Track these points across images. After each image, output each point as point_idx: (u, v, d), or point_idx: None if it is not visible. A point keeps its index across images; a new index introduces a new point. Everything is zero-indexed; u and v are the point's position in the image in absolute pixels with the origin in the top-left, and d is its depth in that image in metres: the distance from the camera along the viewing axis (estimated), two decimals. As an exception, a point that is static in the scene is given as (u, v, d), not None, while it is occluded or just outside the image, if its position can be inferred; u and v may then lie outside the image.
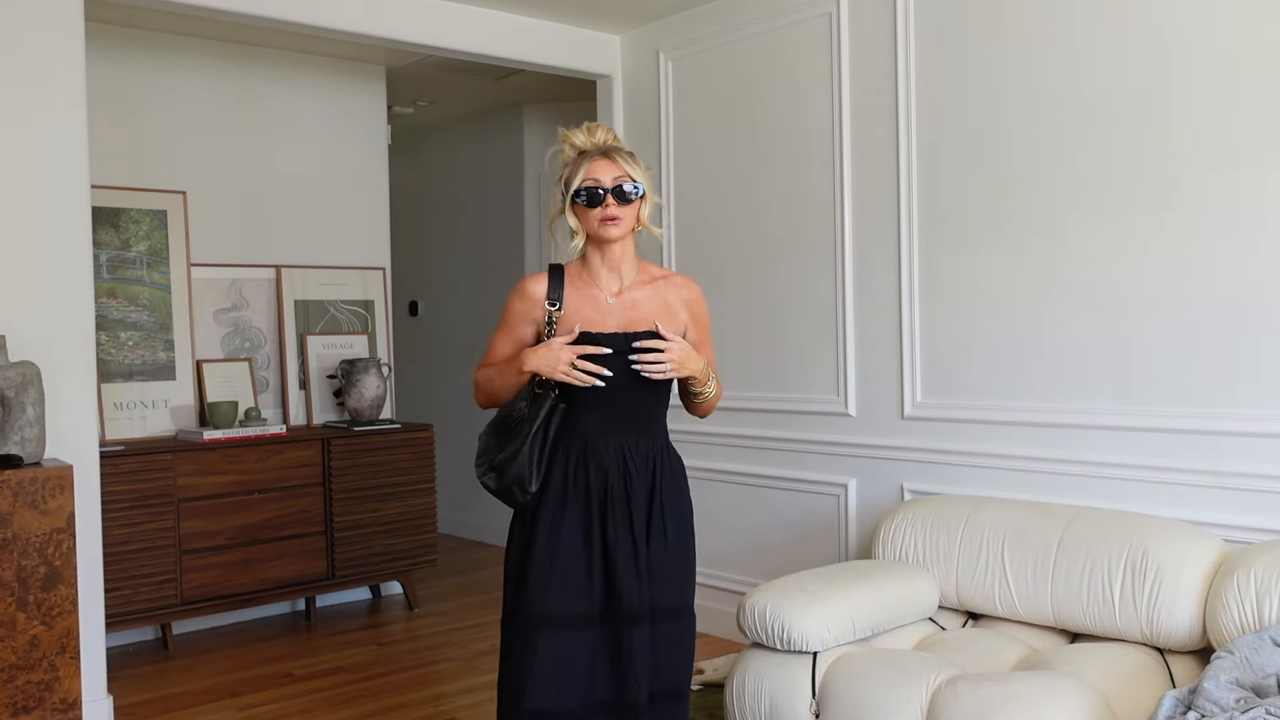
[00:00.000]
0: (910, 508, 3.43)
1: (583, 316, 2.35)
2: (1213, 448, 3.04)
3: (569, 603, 2.26)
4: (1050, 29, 3.36)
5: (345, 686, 3.96)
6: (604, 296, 2.38)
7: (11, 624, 2.95)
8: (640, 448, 2.35)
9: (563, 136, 2.40)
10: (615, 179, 2.32)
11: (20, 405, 3.07)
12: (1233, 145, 2.98)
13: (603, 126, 2.39)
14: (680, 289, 2.46)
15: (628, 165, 2.34)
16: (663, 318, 2.38)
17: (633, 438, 2.34)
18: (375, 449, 4.85)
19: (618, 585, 2.27)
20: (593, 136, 2.37)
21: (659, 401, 2.41)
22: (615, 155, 2.34)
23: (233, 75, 4.95)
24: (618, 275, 2.40)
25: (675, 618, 2.35)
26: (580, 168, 2.33)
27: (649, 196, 2.38)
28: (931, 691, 2.64)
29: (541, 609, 2.26)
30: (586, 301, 2.37)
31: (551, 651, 2.24)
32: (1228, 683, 2.25)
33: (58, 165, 3.43)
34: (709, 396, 2.46)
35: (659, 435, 2.40)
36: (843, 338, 3.98)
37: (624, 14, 4.61)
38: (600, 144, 2.36)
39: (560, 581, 2.27)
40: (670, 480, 2.39)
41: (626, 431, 2.34)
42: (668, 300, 2.42)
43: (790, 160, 4.16)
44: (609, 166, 2.32)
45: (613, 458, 2.32)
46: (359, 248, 5.33)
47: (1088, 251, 3.28)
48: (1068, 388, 3.34)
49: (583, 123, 2.42)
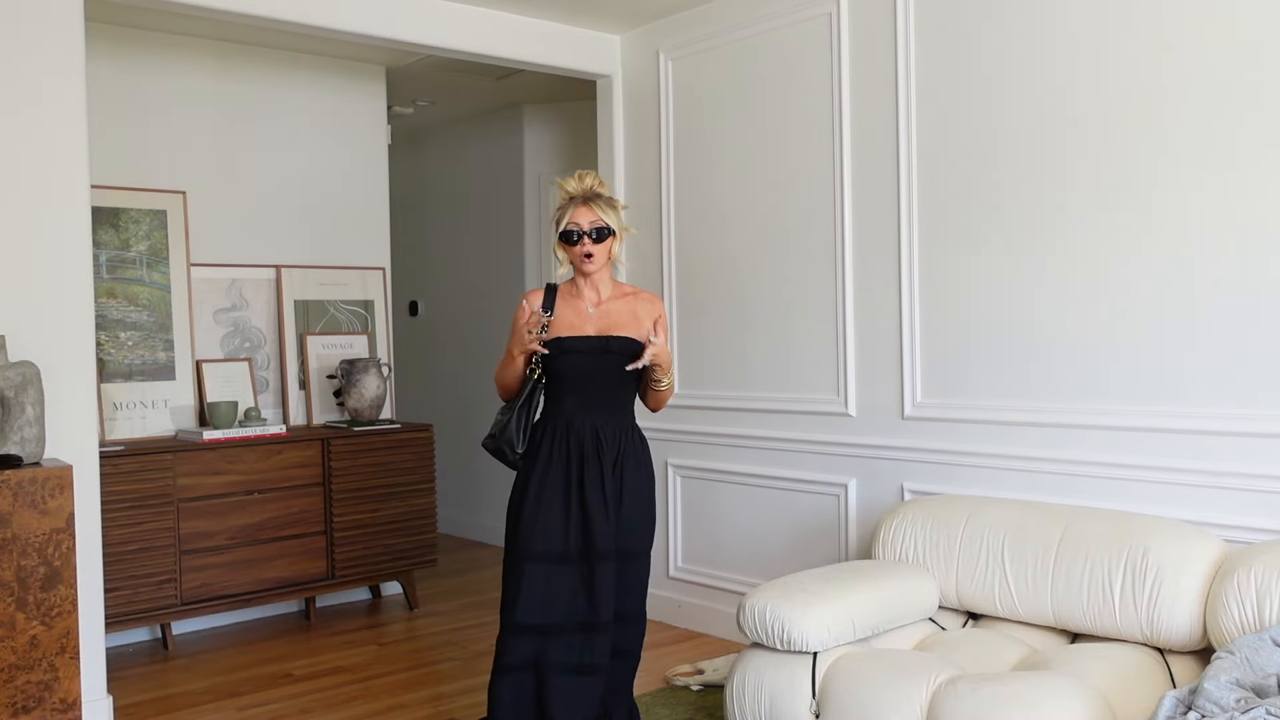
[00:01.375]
0: (910, 508, 3.43)
1: (568, 321, 2.98)
2: (1213, 448, 3.03)
3: (550, 543, 2.89)
4: (1050, 29, 3.35)
5: (345, 686, 3.96)
6: (586, 307, 3.01)
7: (11, 624, 2.95)
8: (610, 426, 2.96)
9: (558, 184, 3.02)
10: (591, 223, 2.94)
11: (20, 405, 3.07)
12: (1232, 144, 2.98)
13: (590, 174, 2.99)
14: (646, 303, 3.06)
15: (602, 211, 2.95)
16: (631, 324, 2.99)
17: (604, 417, 2.96)
18: (375, 449, 4.85)
19: (592, 532, 2.88)
20: (581, 183, 2.98)
21: (627, 391, 3.02)
22: (594, 202, 2.96)
23: (233, 75, 4.95)
24: (597, 291, 3.03)
25: (636, 557, 2.98)
26: (567, 212, 2.96)
27: (620, 234, 3.00)
28: (931, 692, 2.64)
29: (529, 547, 2.89)
30: (572, 310, 3.01)
31: (535, 579, 2.88)
32: (1228, 683, 2.25)
33: (58, 165, 3.42)
34: (666, 386, 3.07)
35: (626, 417, 3.02)
36: (843, 338, 3.98)
37: (624, 14, 4.61)
38: (586, 189, 2.98)
39: (544, 527, 2.90)
40: (632, 454, 2.98)
41: (599, 412, 2.96)
42: (636, 311, 3.03)
43: (790, 160, 4.16)
44: (587, 213, 2.95)
45: (588, 432, 2.93)
46: (359, 248, 5.33)
47: (1088, 251, 3.28)
48: (1068, 388, 3.34)
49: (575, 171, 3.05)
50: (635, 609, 3.01)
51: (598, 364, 2.94)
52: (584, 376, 2.95)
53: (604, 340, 2.95)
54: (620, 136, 4.91)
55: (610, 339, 2.95)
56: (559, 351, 2.94)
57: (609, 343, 2.94)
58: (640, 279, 4.81)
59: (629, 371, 2.95)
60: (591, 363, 2.94)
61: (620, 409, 3.00)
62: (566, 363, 2.94)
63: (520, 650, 2.89)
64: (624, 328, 2.98)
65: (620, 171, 4.90)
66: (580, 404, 2.95)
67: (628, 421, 3.02)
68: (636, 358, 2.92)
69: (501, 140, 6.38)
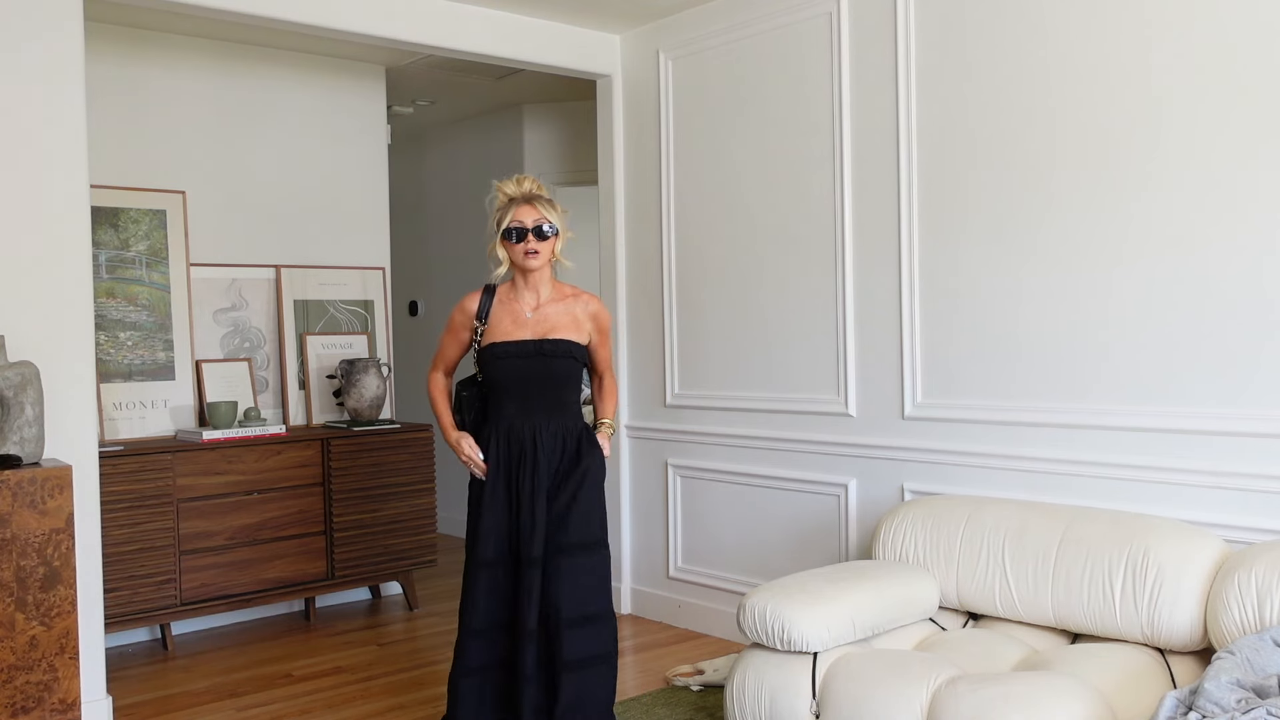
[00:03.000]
0: (910, 508, 3.42)
1: (504, 327, 3.03)
2: (1213, 448, 3.03)
3: (492, 550, 2.98)
4: (1050, 28, 3.35)
5: (345, 687, 3.96)
6: (524, 311, 3.05)
7: (10, 624, 2.95)
8: (549, 428, 2.99)
9: (496, 187, 3.07)
10: (535, 221, 2.99)
11: (19, 405, 3.06)
12: (1232, 143, 2.98)
13: (529, 178, 3.06)
14: (586, 304, 3.12)
15: (545, 210, 3.00)
16: (569, 327, 3.04)
17: (543, 419, 3.00)
18: (375, 449, 4.84)
19: (520, 535, 2.95)
20: (520, 186, 3.03)
21: (568, 393, 3.06)
22: (536, 202, 3.01)
23: (233, 75, 4.94)
24: (535, 294, 3.06)
25: (587, 550, 2.97)
26: (509, 211, 3.01)
27: (562, 234, 3.04)
28: (932, 692, 2.64)
29: (479, 555, 2.98)
30: (509, 315, 3.05)
31: (482, 586, 2.97)
32: (1229, 683, 2.24)
33: (57, 165, 3.42)
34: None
35: (570, 419, 3.04)
36: (843, 338, 3.97)
37: (624, 14, 4.60)
38: (526, 193, 3.02)
39: (487, 535, 2.98)
40: (574, 452, 3.00)
41: (538, 414, 3.00)
42: (575, 314, 3.07)
43: (790, 160, 4.16)
44: (530, 211, 2.99)
45: (527, 436, 2.99)
46: (359, 248, 5.32)
47: (1088, 251, 3.28)
48: (1068, 388, 3.34)
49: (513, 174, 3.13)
50: (597, 610, 2.97)
51: (532, 367, 2.99)
52: (520, 380, 3.00)
53: (538, 344, 3.00)
54: (620, 136, 4.90)
55: (544, 342, 3.00)
56: (493, 357, 3.00)
57: (542, 346, 2.99)
58: (640, 279, 4.81)
59: (567, 373, 3.02)
60: (526, 366, 2.99)
61: (562, 410, 3.04)
62: (502, 368, 2.99)
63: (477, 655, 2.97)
64: (561, 330, 3.03)
65: (620, 171, 4.90)
66: (519, 408, 3.01)
67: (571, 422, 3.05)
68: (574, 359, 3.02)
69: (501, 140, 6.38)
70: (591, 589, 2.97)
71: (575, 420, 3.07)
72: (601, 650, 2.97)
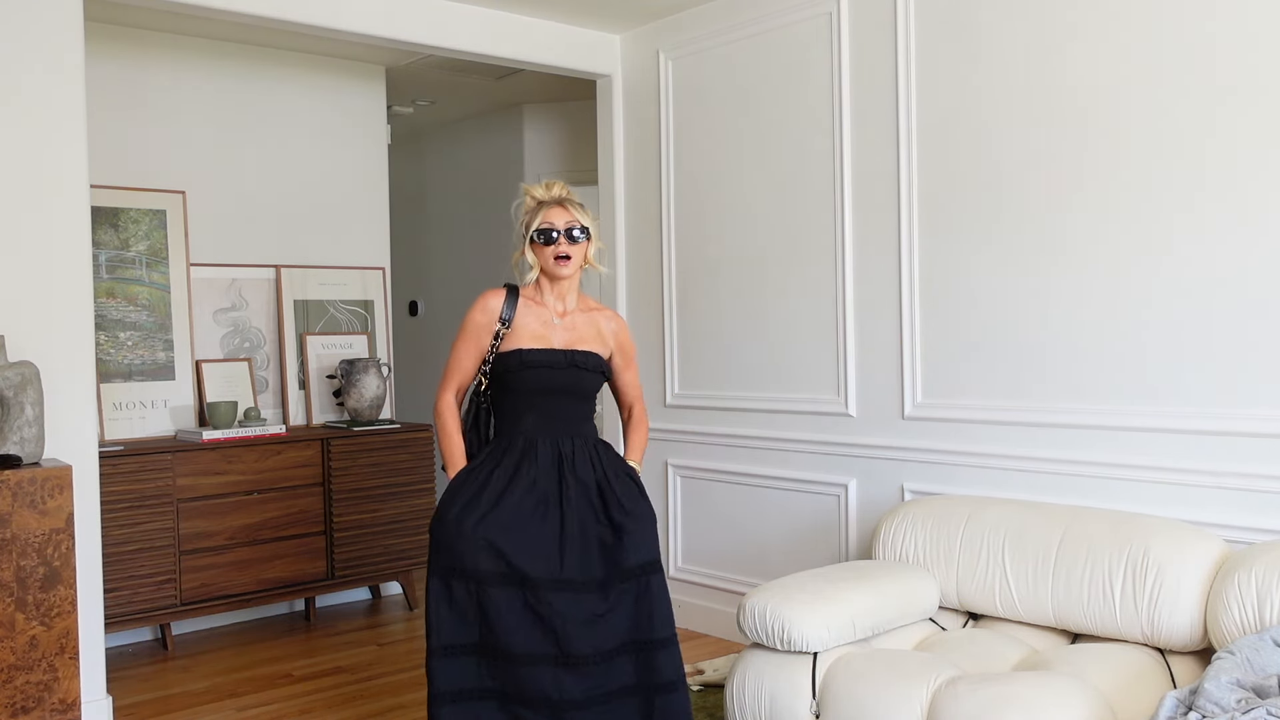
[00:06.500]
0: (910, 508, 3.42)
1: (531, 331, 2.80)
2: (1213, 448, 3.03)
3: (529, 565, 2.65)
4: (1050, 28, 3.35)
5: (345, 687, 3.96)
6: (551, 316, 2.84)
7: (10, 624, 2.95)
8: (575, 444, 2.76)
9: (524, 190, 2.89)
10: (567, 223, 2.79)
11: (19, 405, 3.06)
12: (1233, 143, 2.97)
13: (559, 183, 2.88)
14: (609, 321, 2.95)
15: (578, 213, 2.82)
16: (595, 341, 2.86)
17: (566, 435, 2.77)
18: (375, 449, 4.84)
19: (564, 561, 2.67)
20: (550, 190, 2.86)
21: (589, 408, 2.86)
22: (568, 204, 2.83)
23: (233, 75, 4.94)
24: (563, 302, 2.87)
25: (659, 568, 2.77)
26: (538, 214, 2.81)
27: (594, 240, 2.86)
28: (932, 692, 2.64)
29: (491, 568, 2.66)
30: (536, 318, 2.83)
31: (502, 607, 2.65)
32: (1229, 683, 2.24)
33: (57, 165, 3.42)
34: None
35: (591, 433, 2.83)
36: (843, 338, 3.97)
37: (624, 14, 4.60)
38: (555, 196, 2.84)
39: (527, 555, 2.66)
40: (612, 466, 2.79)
41: (561, 430, 2.77)
42: (599, 327, 2.90)
43: (790, 160, 4.16)
44: (562, 213, 2.80)
45: (552, 450, 2.74)
46: (359, 248, 5.32)
47: (1088, 251, 3.28)
48: (1068, 388, 3.34)
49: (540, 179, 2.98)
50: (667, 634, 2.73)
51: (564, 379, 2.77)
52: (546, 392, 2.76)
53: (569, 354, 2.78)
54: (620, 136, 4.90)
55: (575, 353, 2.79)
56: (521, 365, 2.75)
57: (574, 356, 2.78)
58: (640, 279, 4.81)
59: (594, 389, 2.83)
60: (557, 378, 2.76)
61: (584, 424, 2.83)
62: (530, 377, 2.75)
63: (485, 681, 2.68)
64: (588, 342, 2.84)
65: (620, 171, 4.90)
66: (540, 421, 2.76)
67: (593, 437, 2.84)
68: (603, 375, 2.86)
69: (501, 140, 6.38)
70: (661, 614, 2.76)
71: (594, 434, 2.87)
72: (674, 677, 2.77)
